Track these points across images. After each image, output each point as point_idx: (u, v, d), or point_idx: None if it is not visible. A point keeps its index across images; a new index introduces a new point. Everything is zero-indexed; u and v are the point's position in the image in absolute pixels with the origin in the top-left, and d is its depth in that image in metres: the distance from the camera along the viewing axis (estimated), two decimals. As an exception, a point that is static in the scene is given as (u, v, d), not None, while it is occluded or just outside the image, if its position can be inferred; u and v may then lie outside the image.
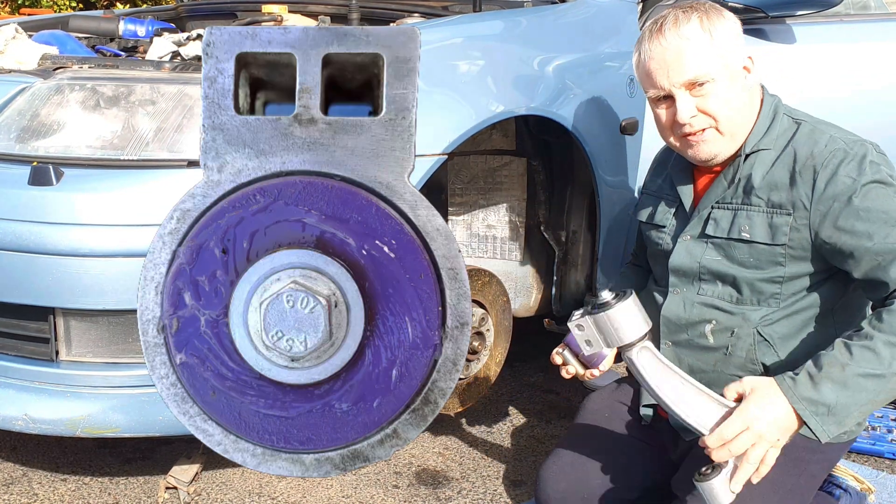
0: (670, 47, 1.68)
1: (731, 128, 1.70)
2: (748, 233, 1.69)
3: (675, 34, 1.67)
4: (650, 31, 1.72)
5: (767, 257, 1.68)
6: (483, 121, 2.01)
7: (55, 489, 2.19)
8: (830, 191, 1.61)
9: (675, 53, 1.67)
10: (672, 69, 1.68)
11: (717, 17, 1.70)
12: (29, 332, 1.81)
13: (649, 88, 1.75)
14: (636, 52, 1.76)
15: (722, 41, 1.68)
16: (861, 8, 2.90)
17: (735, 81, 1.69)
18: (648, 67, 1.72)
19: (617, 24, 2.50)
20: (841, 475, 1.97)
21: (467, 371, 2.26)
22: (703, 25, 1.67)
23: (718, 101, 1.68)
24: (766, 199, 1.69)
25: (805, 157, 1.66)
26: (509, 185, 2.49)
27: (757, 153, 1.71)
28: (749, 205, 1.70)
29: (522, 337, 3.17)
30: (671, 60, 1.68)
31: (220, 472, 2.30)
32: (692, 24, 1.67)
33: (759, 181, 1.69)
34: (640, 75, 1.77)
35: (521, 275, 2.58)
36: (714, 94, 1.67)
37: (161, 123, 1.76)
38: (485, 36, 2.20)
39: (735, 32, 1.71)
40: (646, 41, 1.72)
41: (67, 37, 2.43)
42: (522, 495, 2.23)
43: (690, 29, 1.67)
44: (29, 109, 1.83)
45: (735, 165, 1.73)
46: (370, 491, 2.23)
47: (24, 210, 1.71)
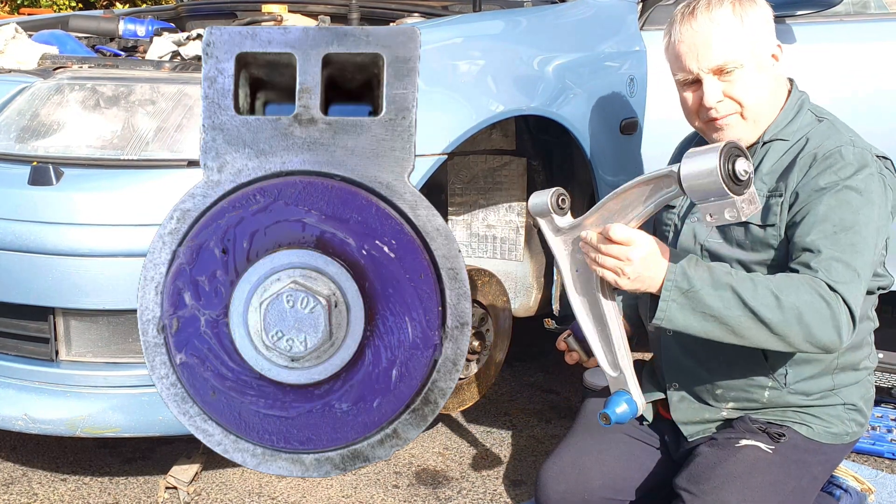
0: (701, 31, 1.68)
1: (755, 115, 1.71)
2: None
3: (706, 18, 1.68)
4: (682, 14, 1.72)
5: (760, 239, 1.70)
6: (483, 121, 2.01)
7: (55, 489, 2.19)
8: (816, 181, 1.63)
9: (705, 37, 1.68)
10: (702, 53, 1.69)
11: (750, 2, 1.70)
12: (29, 332, 1.81)
13: (678, 72, 1.75)
14: (666, 35, 1.77)
15: (752, 28, 1.69)
16: (861, 8, 2.90)
17: (763, 69, 1.71)
18: (678, 50, 1.72)
19: (617, 24, 2.50)
20: (841, 475, 1.97)
21: (467, 371, 2.26)
22: (735, 11, 1.68)
23: (745, 88, 1.69)
24: (767, 183, 1.71)
25: (812, 148, 1.68)
26: (509, 185, 2.49)
27: (773, 143, 1.73)
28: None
29: (522, 337, 3.17)
30: (701, 44, 1.68)
31: (220, 472, 2.30)
32: (724, 8, 1.68)
33: (768, 168, 1.72)
34: (669, 57, 1.78)
35: (521, 275, 2.58)
36: (741, 80, 1.68)
37: (161, 123, 1.76)
38: (485, 36, 2.20)
39: (766, 19, 1.72)
40: (677, 24, 1.72)
41: (67, 36, 2.43)
42: (522, 495, 2.23)
43: (722, 14, 1.68)
44: (29, 109, 1.83)
45: (751, 152, 1.74)
46: (370, 491, 2.23)
47: (24, 210, 1.71)
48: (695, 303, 1.52)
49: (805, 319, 1.50)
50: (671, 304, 1.53)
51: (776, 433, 1.72)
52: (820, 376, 1.74)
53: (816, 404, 1.76)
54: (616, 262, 1.52)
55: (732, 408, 1.79)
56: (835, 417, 1.76)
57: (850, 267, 1.55)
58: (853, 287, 1.54)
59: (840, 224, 1.58)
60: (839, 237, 1.57)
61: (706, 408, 1.82)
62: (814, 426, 1.75)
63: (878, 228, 1.62)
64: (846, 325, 1.52)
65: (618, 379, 1.60)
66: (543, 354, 3.16)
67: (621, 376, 1.60)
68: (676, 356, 1.83)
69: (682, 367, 1.83)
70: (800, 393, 1.74)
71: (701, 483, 1.65)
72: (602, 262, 1.54)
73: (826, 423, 1.75)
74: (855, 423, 1.79)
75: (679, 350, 1.82)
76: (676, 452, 1.87)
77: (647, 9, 2.56)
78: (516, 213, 2.51)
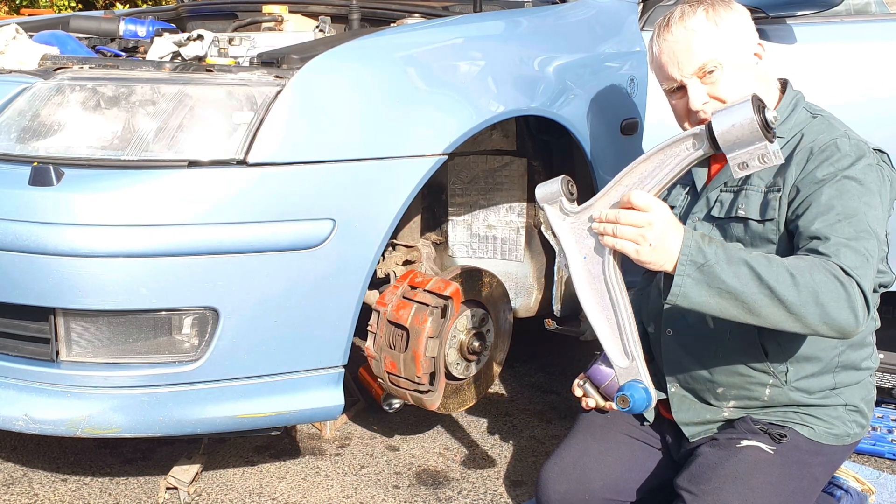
0: (678, 40, 1.74)
1: None
2: (744, 210, 1.73)
3: (681, 27, 1.74)
4: (659, 27, 1.78)
5: (759, 234, 1.71)
6: (483, 121, 2.01)
7: (55, 489, 2.19)
8: (816, 173, 1.65)
9: (682, 45, 1.73)
10: (681, 60, 1.74)
11: (723, 7, 1.75)
12: (29, 333, 1.81)
13: (663, 81, 1.81)
14: (649, 49, 1.84)
15: (728, 29, 1.73)
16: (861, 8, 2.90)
17: (745, 68, 1.74)
18: (660, 61, 1.79)
19: (617, 25, 2.50)
20: (842, 476, 1.97)
21: (467, 371, 2.26)
22: (709, 16, 1.73)
23: (729, 87, 1.72)
24: (765, 178, 1.72)
25: (808, 142, 1.70)
26: (510, 186, 2.49)
27: None
28: (749, 185, 1.74)
29: (523, 337, 3.17)
30: (679, 52, 1.74)
31: (220, 472, 2.30)
32: (698, 16, 1.73)
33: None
34: (654, 70, 1.84)
35: (522, 275, 2.58)
36: (724, 80, 1.72)
37: (162, 124, 1.76)
38: (485, 36, 2.20)
39: (742, 21, 1.77)
40: (655, 37, 1.79)
41: (68, 37, 2.43)
42: (522, 495, 2.23)
43: (696, 21, 1.73)
44: (29, 110, 1.83)
45: None
46: (370, 491, 2.23)
47: (24, 210, 1.70)
48: (710, 278, 1.51)
49: (821, 299, 1.49)
50: (686, 280, 1.51)
51: (777, 434, 1.72)
52: (821, 374, 1.75)
53: (818, 404, 1.76)
54: (636, 230, 1.51)
55: (734, 407, 1.79)
56: (836, 418, 1.76)
57: (858, 252, 1.54)
58: (865, 271, 1.54)
59: (843, 212, 1.58)
60: (843, 224, 1.57)
61: (707, 408, 1.82)
62: (815, 427, 1.75)
63: (879, 217, 1.62)
64: (861, 307, 1.51)
65: (629, 369, 1.56)
66: (543, 354, 3.16)
67: (634, 365, 1.56)
68: (677, 356, 1.83)
69: (682, 366, 1.83)
70: (801, 391, 1.74)
71: (702, 483, 1.66)
72: (622, 233, 1.52)
73: (827, 425, 1.75)
74: (856, 425, 1.79)
75: (679, 349, 1.82)
76: (678, 453, 1.87)
77: (647, 9, 2.56)
78: (517, 213, 2.51)
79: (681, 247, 1.52)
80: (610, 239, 1.54)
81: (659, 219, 1.51)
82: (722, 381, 1.78)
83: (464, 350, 2.22)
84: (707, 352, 1.78)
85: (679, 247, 1.52)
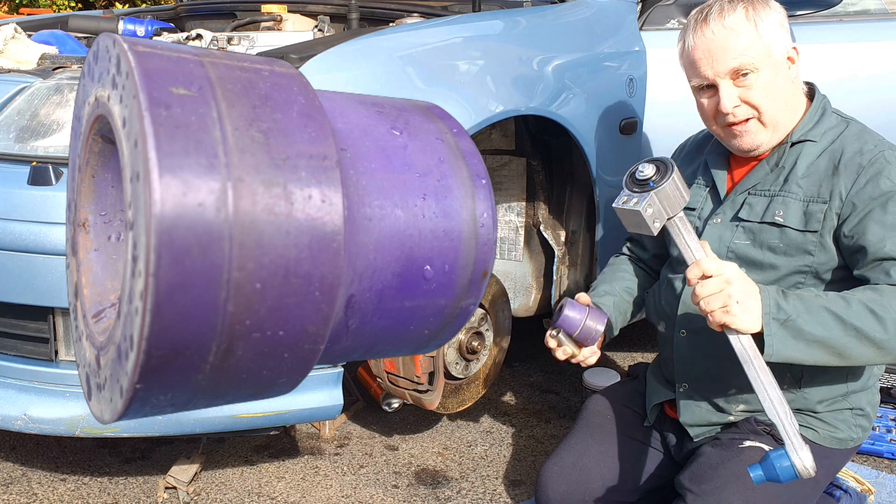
0: (715, 37, 1.68)
1: (773, 119, 1.70)
2: (782, 217, 1.69)
3: (720, 24, 1.68)
4: (695, 21, 1.72)
5: (798, 244, 1.68)
6: (483, 121, 2.01)
7: (55, 489, 2.19)
8: (870, 189, 1.62)
9: (719, 43, 1.68)
10: (717, 59, 1.68)
11: (763, 6, 1.70)
12: (29, 332, 1.81)
13: (693, 77, 1.75)
14: (680, 42, 1.77)
15: (767, 31, 1.68)
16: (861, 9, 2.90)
17: (779, 73, 1.70)
18: (693, 57, 1.72)
19: (617, 24, 2.50)
20: (841, 476, 1.97)
21: (467, 371, 2.26)
22: (749, 15, 1.68)
23: (761, 92, 1.68)
24: (805, 188, 1.69)
25: (853, 152, 1.67)
26: (509, 185, 2.49)
27: (803, 143, 1.72)
28: (787, 192, 1.71)
29: (522, 337, 3.17)
30: (716, 50, 1.68)
31: (219, 472, 2.30)
32: (737, 14, 1.68)
33: (803, 171, 1.70)
34: (683, 64, 1.77)
35: (521, 275, 2.58)
36: (757, 84, 1.68)
37: (161, 123, 1.76)
38: (485, 36, 2.20)
39: (780, 22, 1.71)
40: (690, 31, 1.72)
41: (67, 36, 2.43)
42: (522, 495, 2.23)
43: (736, 19, 1.67)
44: (28, 109, 1.83)
45: (780, 152, 1.74)
46: (370, 491, 2.23)
47: (23, 210, 1.71)
48: (795, 332, 1.50)
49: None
50: (774, 339, 1.51)
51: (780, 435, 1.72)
52: (834, 381, 1.73)
53: (827, 410, 1.75)
54: (719, 295, 1.48)
55: (742, 410, 1.78)
56: (841, 422, 1.75)
57: None
58: None
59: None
60: None
61: (714, 411, 1.80)
62: (819, 430, 1.74)
63: None
64: None
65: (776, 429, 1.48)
66: (543, 354, 3.16)
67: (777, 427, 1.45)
68: (690, 357, 1.81)
69: (694, 367, 1.81)
70: (814, 396, 1.73)
71: (703, 483, 1.65)
72: (709, 305, 1.49)
73: (832, 428, 1.74)
74: (860, 429, 1.78)
75: (692, 351, 1.80)
76: (679, 453, 1.86)
77: (646, 9, 2.56)
78: (516, 213, 2.51)
79: (761, 307, 1.51)
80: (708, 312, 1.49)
81: (733, 274, 1.49)
82: (734, 384, 1.76)
83: (463, 349, 2.22)
84: (721, 354, 1.77)
85: (759, 306, 1.51)
